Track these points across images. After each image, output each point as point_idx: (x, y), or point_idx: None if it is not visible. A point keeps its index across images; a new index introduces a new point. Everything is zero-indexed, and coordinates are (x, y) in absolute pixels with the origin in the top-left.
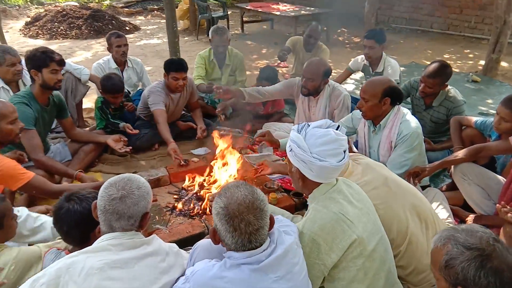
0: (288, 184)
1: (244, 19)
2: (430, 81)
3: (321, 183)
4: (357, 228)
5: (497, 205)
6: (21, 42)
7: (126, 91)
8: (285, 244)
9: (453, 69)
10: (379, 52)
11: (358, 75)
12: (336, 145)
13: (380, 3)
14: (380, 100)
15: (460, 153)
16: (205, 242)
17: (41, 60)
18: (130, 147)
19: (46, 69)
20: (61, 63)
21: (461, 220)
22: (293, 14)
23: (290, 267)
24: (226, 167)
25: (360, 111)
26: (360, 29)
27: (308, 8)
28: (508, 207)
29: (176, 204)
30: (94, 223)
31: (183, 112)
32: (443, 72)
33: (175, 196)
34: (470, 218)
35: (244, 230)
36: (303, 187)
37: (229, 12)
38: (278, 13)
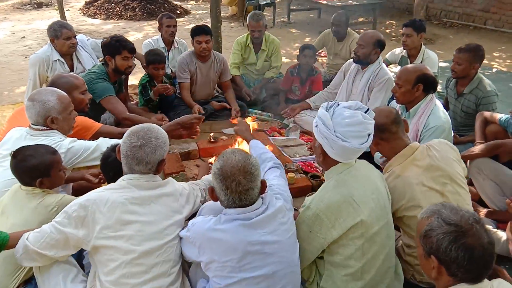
0: (308, 166)
1: (291, 7)
2: (459, 56)
3: (340, 162)
4: (363, 212)
5: (507, 200)
6: (80, 21)
7: (170, 72)
8: (275, 206)
9: (502, 68)
10: (417, 42)
11: (399, 68)
12: (361, 128)
13: None
14: (413, 86)
15: (477, 148)
16: (212, 202)
17: (114, 47)
18: None
19: (119, 56)
20: (132, 51)
21: None
22: (340, 4)
23: (278, 225)
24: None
25: (394, 96)
26: None
27: None
28: None
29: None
30: None
31: (217, 93)
32: (473, 49)
33: None
34: (483, 213)
35: (235, 189)
36: (322, 162)
37: (278, 0)
38: (325, 2)
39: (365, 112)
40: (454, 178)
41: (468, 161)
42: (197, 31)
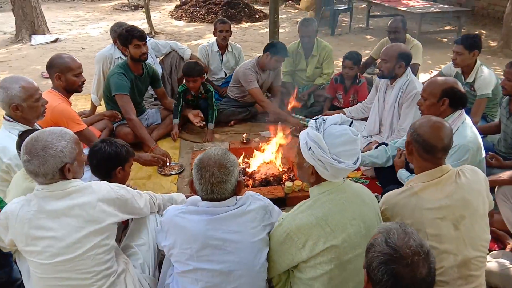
0: None
1: (371, 13)
2: (509, 71)
3: (326, 181)
4: (336, 237)
5: None
6: (166, 22)
7: (224, 76)
8: (249, 207)
9: None
10: (468, 60)
11: None
12: (354, 145)
13: None
14: (439, 99)
15: (506, 174)
16: (195, 197)
17: (125, 38)
18: (204, 123)
19: (131, 45)
20: (142, 38)
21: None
22: (420, 11)
23: (244, 227)
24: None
25: (419, 110)
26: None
27: (441, 5)
28: None
29: None
30: (115, 164)
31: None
32: None
33: None
34: (509, 247)
35: (208, 179)
36: (313, 182)
37: (362, 6)
38: (404, 8)
39: (350, 125)
40: (475, 213)
41: (496, 187)
42: (285, 53)
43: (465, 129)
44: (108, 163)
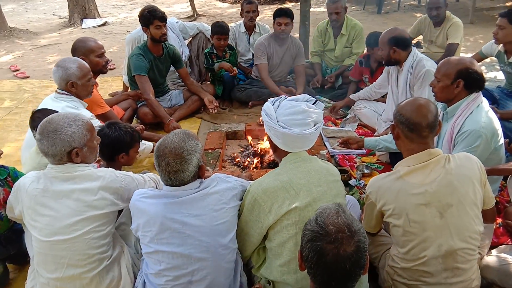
0: (346, 160)
1: None
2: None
3: (290, 152)
4: (300, 199)
5: None
6: (210, 4)
7: (252, 57)
8: (212, 189)
9: None
10: (511, 37)
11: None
12: (303, 116)
13: None
14: (453, 81)
15: None
16: None
17: (146, 18)
18: (216, 110)
19: (152, 26)
20: (163, 19)
21: None
22: None
23: (207, 211)
24: None
25: (432, 92)
26: None
27: None
28: None
29: (236, 155)
30: (119, 149)
31: (289, 78)
32: None
33: (241, 149)
34: None
35: (164, 168)
36: (275, 155)
37: None
38: None
39: (314, 104)
40: (462, 201)
41: (510, 176)
42: (279, 13)
43: (479, 113)
44: (110, 149)
